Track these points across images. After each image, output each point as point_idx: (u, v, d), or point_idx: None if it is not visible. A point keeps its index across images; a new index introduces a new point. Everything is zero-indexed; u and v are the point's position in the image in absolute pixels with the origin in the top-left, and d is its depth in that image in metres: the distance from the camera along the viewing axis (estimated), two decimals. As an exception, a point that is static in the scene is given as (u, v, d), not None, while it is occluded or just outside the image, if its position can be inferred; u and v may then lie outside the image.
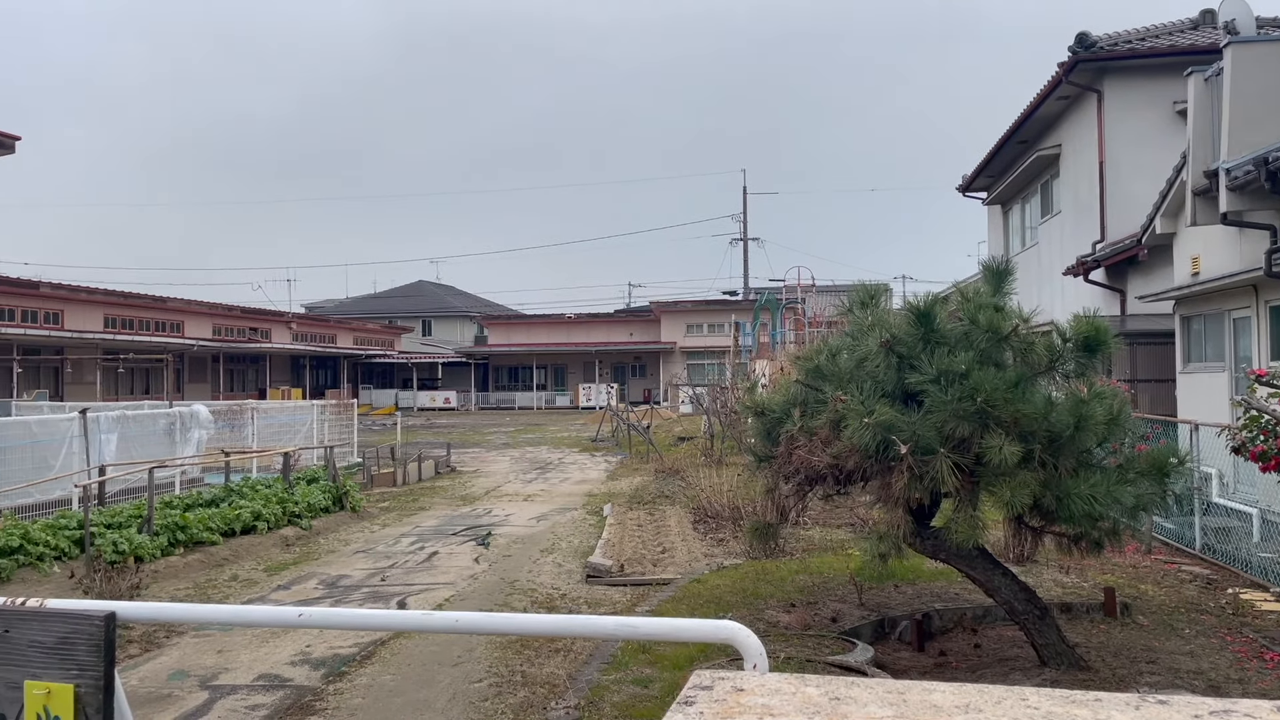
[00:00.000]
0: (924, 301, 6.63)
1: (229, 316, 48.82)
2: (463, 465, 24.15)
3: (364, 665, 7.59)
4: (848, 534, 12.09)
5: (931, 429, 6.04)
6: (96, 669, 2.01)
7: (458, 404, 57.07)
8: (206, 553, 12.01)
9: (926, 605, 8.29)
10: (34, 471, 14.26)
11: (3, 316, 32.84)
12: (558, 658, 7.62)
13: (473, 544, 13.16)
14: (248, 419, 21.15)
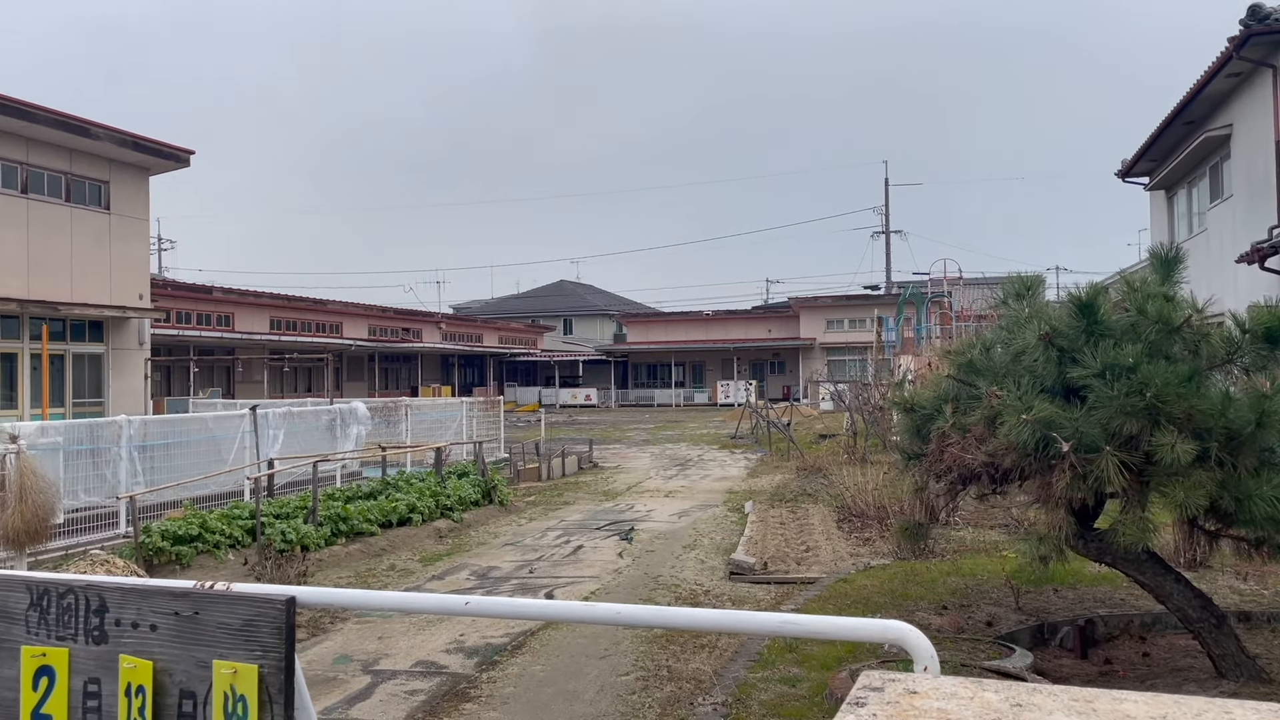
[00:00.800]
0: (1086, 292, 6.31)
1: (383, 317, 50.93)
2: (604, 461, 24.46)
3: (515, 655, 7.79)
4: (1001, 535, 11.64)
5: (1096, 426, 5.74)
6: (278, 650, 2.11)
7: (598, 401, 57.90)
8: (366, 543, 12.56)
9: (1089, 610, 7.90)
10: (210, 464, 15.22)
11: (181, 320, 35.21)
12: (703, 654, 7.62)
13: (616, 539, 13.31)
14: (402, 415, 22.02)
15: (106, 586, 2.24)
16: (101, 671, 2.23)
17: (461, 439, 22.01)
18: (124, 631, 2.22)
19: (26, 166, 20.92)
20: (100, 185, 22.85)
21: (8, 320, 20.53)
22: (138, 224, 24.11)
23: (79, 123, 21.33)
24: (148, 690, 2.17)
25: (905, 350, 32.04)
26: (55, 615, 2.28)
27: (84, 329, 22.53)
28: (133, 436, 13.92)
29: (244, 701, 2.10)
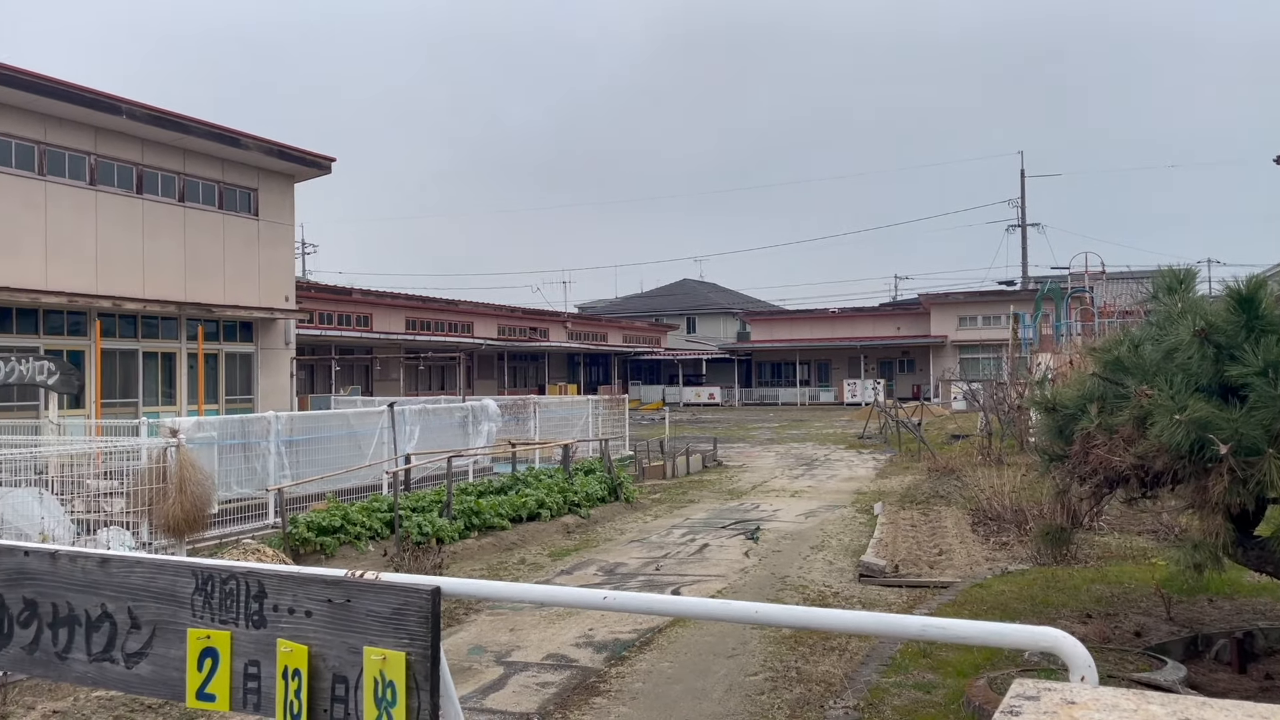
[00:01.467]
0: (1246, 284, 5.93)
1: (512, 317, 52.08)
2: (728, 460, 24.39)
3: (643, 651, 7.84)
4: (1150, 541, 11.07)
5: (1257, 427, 5.39)
6: (425, 639, 2.18)
7: (721, 399, 57.75)
8: (497, 537, 12.87)
9: (1247, 623, 7.42)
10: (350, 459, 15.86)
11: (323, 320, 36.81)
12: (832, 656, 7.51)
13: (742, 538, 13.25)
14: (530, 413, 22.47)
15: (266, 573, 2.36)
16: (261, 654, 2.35)
17: (588, 436, 22.30)
18: (281, 617, 2.33)
19: (183, 176, 22.24)
20: (250, 192, 24.10)
21: (167, 321, 21.87)
22: (284, 229, 25.33)
23: (230, 134, 22.55)
24: (303, 673, 2.27)
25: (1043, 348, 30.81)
26: (219, 600, 2.41)
27: (235, 329, 23.81)
28: (280, 432, 14.62)
29: (393, 687, 2.18)
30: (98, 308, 19.73)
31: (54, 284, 18.98)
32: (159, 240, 21.48)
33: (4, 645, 2.65)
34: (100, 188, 20.29)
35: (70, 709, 6.40)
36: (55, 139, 19.37)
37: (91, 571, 2.54)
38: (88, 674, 2.54)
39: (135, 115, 20.24)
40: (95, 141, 20.14)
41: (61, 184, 19.52)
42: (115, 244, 20.45)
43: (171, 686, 2.44)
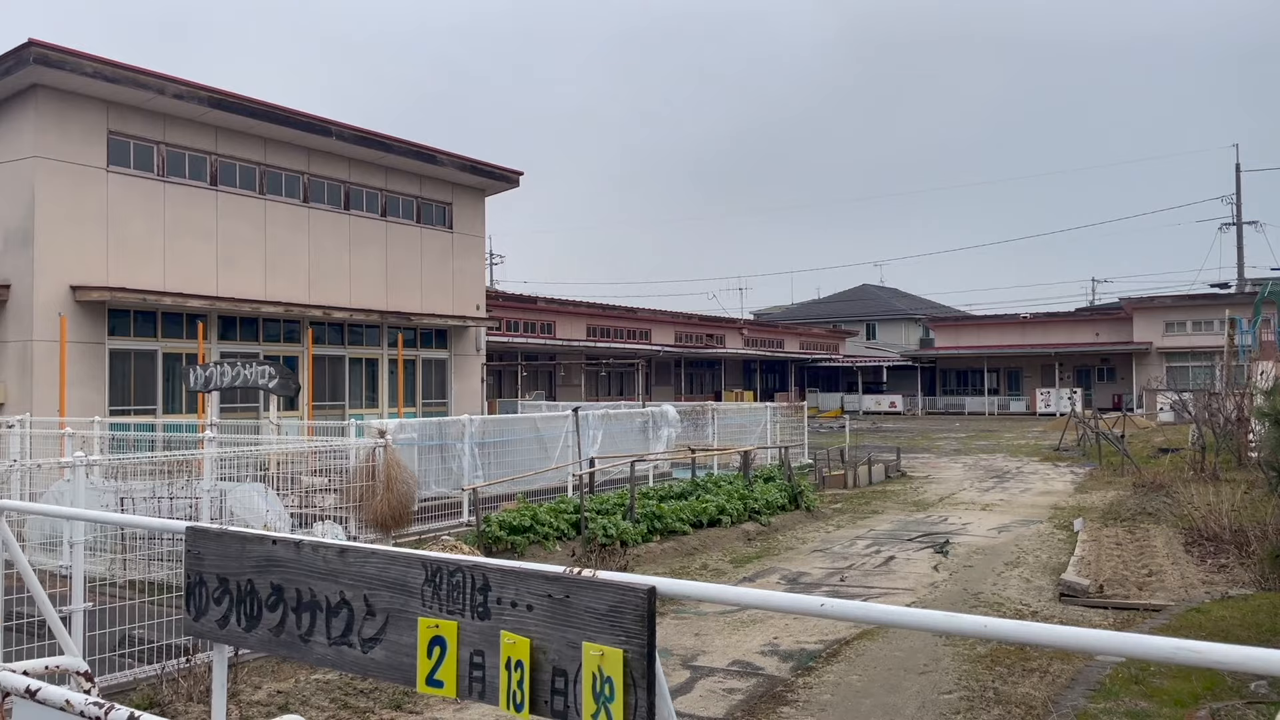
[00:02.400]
0: None
1: (689, 324, 52.46)
2: (912, 470, 23.67)
3: (830, 663, 7.72)
4: (1398, 570, 9.97)
5: None
6: (641, 637, 2.23)
7: (903, 408, 56.13)
8: (679, 541, 12.98)
9: None
10: (537, 461, 16.38)
11: (510, 328, 38.22)
12: (1033, 678, 7.17)
13: (930, 551, 12.83)
14: (708, 419, 22.55)
15: (490, 567, 2.47)
16: (485, 645, 2.46)
17: (765, 443, 22.17)
18: (504, 609, 2.43)
19: (385, 192, 23.64)
20: (444, 207, 25.35)
21: (370, 329, 23.28)
22: (475, 241, 26.49)
23: (428, 151, 23.79)
24: (525, 665, 2.36)
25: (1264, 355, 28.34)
26: (446, 591, 2.54)
27: (431, 336, 25.07)
28: (473, 434, 15.28)
29: (610, 683, 2.23)
30: (310, 316, 21.21)
31: (272, 295, 20.55)
32: (363, 253, 22.90)
33: (254, 627, 2.89)
34: (312, 205, 21.83)
35: (292, 689, 6.90)
36: (273, 160, 20.99)
37: (331, 561, 2.73)
38: (327, 656, 2.73)
39: (344, 136, 21.67)
40: (308, 161, 21.69)
41: (279, 202, 21.13)
42: (325, 257, 21.95)
43: (403, 672, 2.59)
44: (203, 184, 19.67)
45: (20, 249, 17.07)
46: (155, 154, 18.87)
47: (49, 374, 16.92)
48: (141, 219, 18.51)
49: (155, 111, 18.68)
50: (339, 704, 6.61)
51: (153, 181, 18.78)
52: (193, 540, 3.01)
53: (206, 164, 19.76)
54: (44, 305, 16.93)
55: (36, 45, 16.39)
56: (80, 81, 17.22)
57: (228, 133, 20.02)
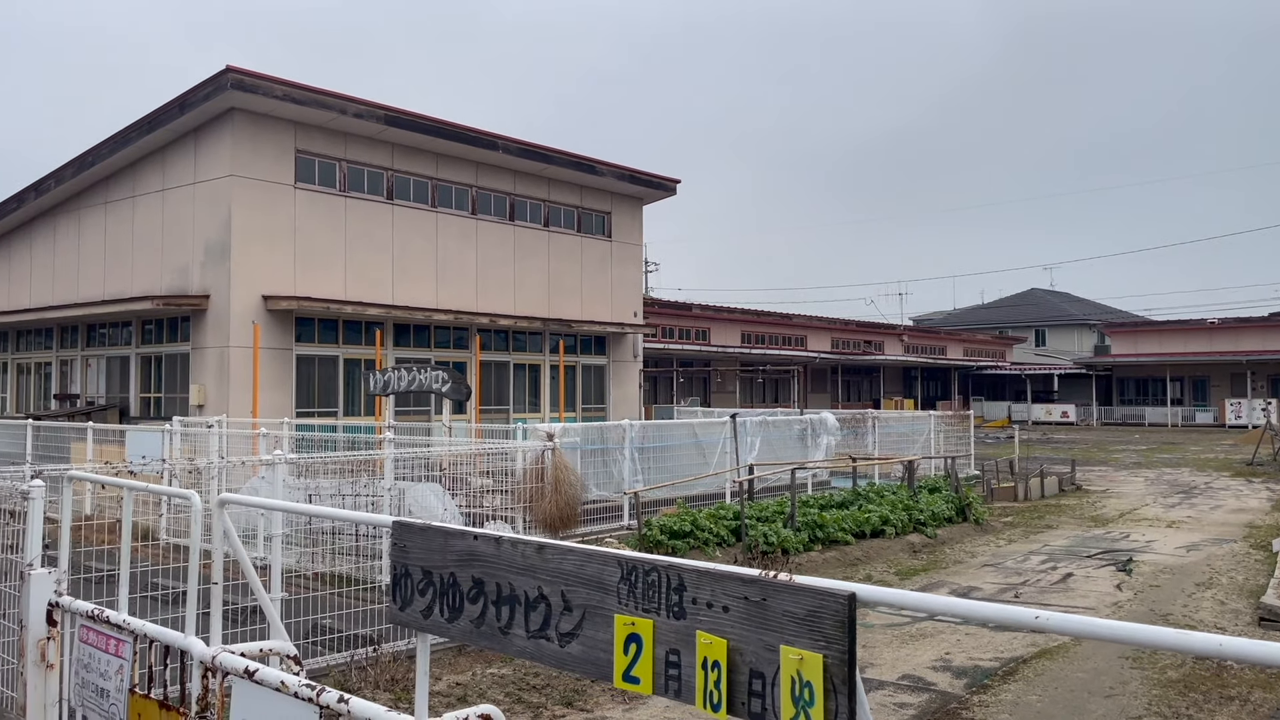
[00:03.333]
0: None
1: (845, 330, 51.55)
2: (1088, 484, 22.48)
3: (1007, 681, 7.43)
4: None
5: None
6: (841, 643, 2.22)
7: (1076, 418, 53.38)
8: (841, 551, 12.77)
9: None
10: (694, 467, 16.45)
11: (665, 335, 38.54)
12: (1231, 706, 6.70)
13: (1111, 569, 12.16)
14: (868, 427, 22.08)
15: (685, 568, 2.51)
16: (681, 644, 2.50)
17: (929, 453, 21.54)
18: (700, 610, 2.46)
19: (547, 203, 24.28)
20: (603, 216, 25.82)
21: (533, 336, 23.94)
22: (633, 249, 26.87)
23: (588, 162, 24.30)
24: (722, 666, 2.39)
25: None
26: (642, 590, 2.59)
27: (590, 343, 25.57)
28: (633, 439, 15.48)
29: (810, 688, 2.23)
30: (477, 324, 22.01)
31: (443, 303, 21.43)
32: (527, 262, 23.60)
33: (456, 618, 3.02)
34: (479, 216, 22.66)
35: (469, 682, 7.17)
36: (444, 174, 21.91)
37: (530, 556, 2.84)
38: (526, 649, 2.83)
39: (509, 150, 22.41)
40: (476, 175, 22.53)
41: (449, 214, 22.03)
42: (491, 266, 22.73)
43: (599, 667, 2.65)
44: (380, 198, 20.72)
45: (218, 262, 18.42)
46: (337, 170, 20.01)
47: (243, 378, 18.18)
48: (325, 232, 19.65)
49: (337, 130, 19.82)
50: (513, 698, 6.82)
51: (335, 197, 19.92)
52: (399, 534, 3.18)
53: (383, 179, 20.81)
54: (239, 314, 18.20)
55: (233, 71, 17.67)
56: (271, 104, 18.45)
57: (403, 149, 21.02)
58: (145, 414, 20.04)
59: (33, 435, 15.91)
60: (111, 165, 20.60)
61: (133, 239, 20.45)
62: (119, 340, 21.18)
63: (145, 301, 18.80)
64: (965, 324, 70.06)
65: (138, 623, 4.16)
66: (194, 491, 4.12)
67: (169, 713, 3.95)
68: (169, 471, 8.44)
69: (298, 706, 3.36)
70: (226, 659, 3.73)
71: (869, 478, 18.68)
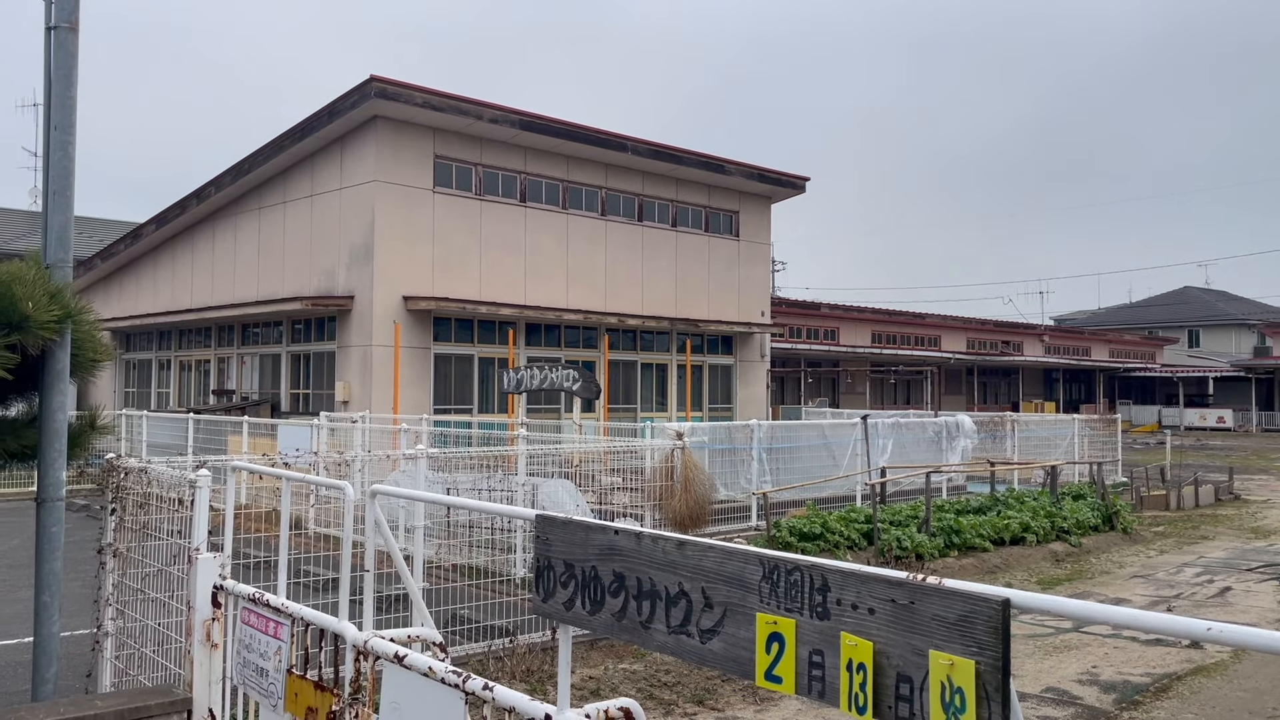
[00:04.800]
0: None
1: (981, 330, 49.90)
2: (1247, 493, 21.13)
3: (1159, 698, 7.06)
4: None
5: None
6: (995, 650, 2.16)
7: (1233, 424, 50.22)
8: (978, 558, 12.38)
9: None
10: (824, 469, 16.22)
11: (793, 334, 38.14)
12: None
13: (1274, 583, 11.40)
14: (1006, 431, 21.32)
15: (829, 568, 2.48)
16: (824, 645, 2.47)
17: (1073, 459, 20.64)
18: (844, 611, 2.43)
19: (675, 204, 24.36)
20: (731, 215, 25.74)
21: (660, 335, 24.07)
22: (761, 248, 26.69)
23: (716, 161, 24.27)
24: (868, 668, 2.35)
25: None
26: (784, 589, 2.58)
27: (717, 343, 25.54)
28: (761, 439, 15.38)
29: (961, 694, 2.17)
30: (606, 323, 22.27)
31: (573, 303, 21.78)
32: (655, 262, 23.74)
33: (598, 611, 3.07)
34: (609, 217, 22.92)
35: (602, 676, 7.26)
36: (575, 176, 22.26)
37: (670, 552, 2.86)
38: (667, 644, 2.85)
39: (638, 151, 22.59)
40: (605, 177, 22.81)
41: (579, 216, 22.37)
42: (619, 267, 22.97)
43: (741, 664, 2.65)
44: (513, 201, 21.21)
45: (362, 264, 19.21)
46: (473, 175, 20.58)
47: (385, 375, 18.91)
48: (461, 234, 20.25)
49: (473, 136, 20.38)
50: (644, 694, 6.87)
51: (470, 200, 20.50)
52: (542, 527, 3.25)
53: (516, 182, 21.29)
54: (381, 314, 18.94)
55: (377, 81, 18.39)
56: (411, 111, 19.13)
57: (535, 152, 21.46)
58: (295, 409, 21.08)
59: (193, 428, 16.96)
60: (265, 172, 21.73)
61: (284, 242, 21.53)
62: (271, 339, 22.33)
63: (295, 302, 19.77)
64: (1111, 324, 66.83)
65: (295, 607, 4.38)
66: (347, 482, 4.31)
67: (324, 693, 4.14)
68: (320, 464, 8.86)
69: (444, 692, 3.48)
70: (377, 644, 3.89)
71: (1008, 483, 18.05)
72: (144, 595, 5.46)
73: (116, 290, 27.28)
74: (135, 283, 26.57)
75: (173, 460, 6.89)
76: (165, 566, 5.28)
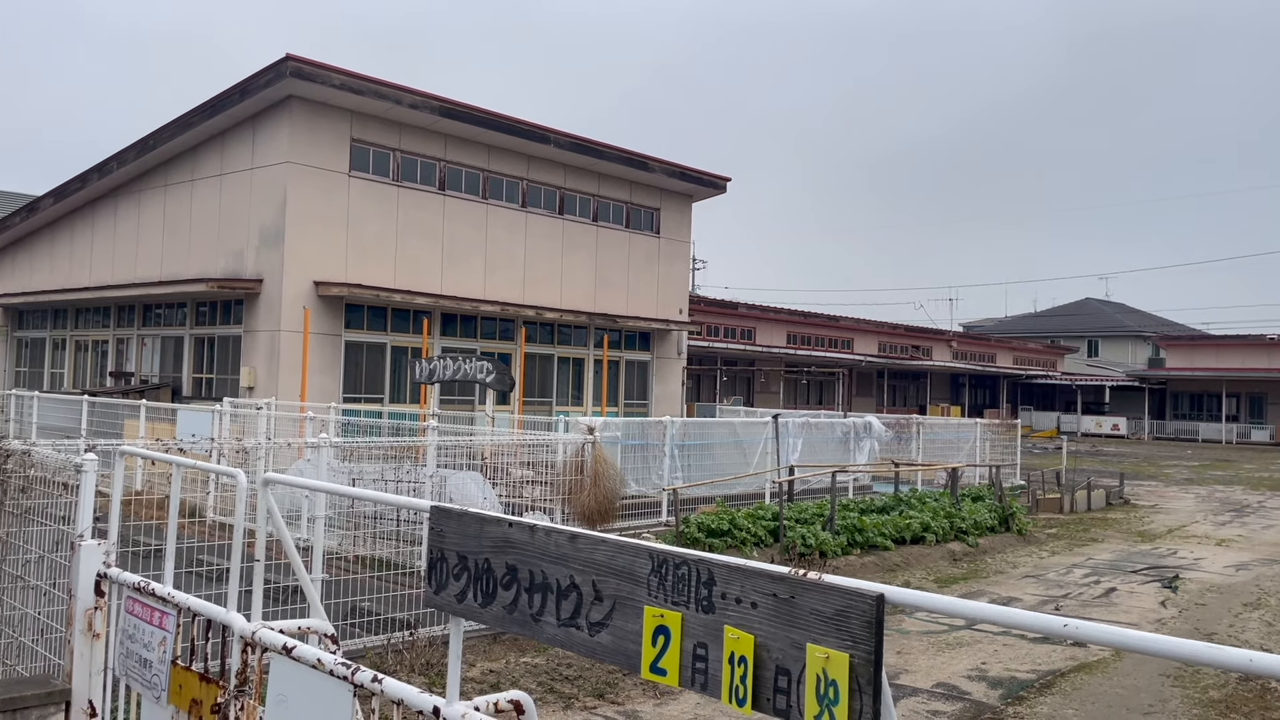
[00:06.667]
0: None
1: (893, 335, 51.05)
2: (1136, 498, 22.07)
3: (1043, 694, 7.34)
4: None
5: None
6: (868, 643, 2.22)
7: (1127, 431, 52.38)
8: (880, 556, 12.67)
9: None
10: (735, 466, 16.42)
11: (710, 333, 38.46)
12: (1277, 732, 6.55)
13: (1157, 585, 11.94)
14: (912, 433, 21.86)
15: (715, 562, 2.52)
16: (708, 638, 2.51)
17: (974, 461, 21.29)
18: (729, 605, 2.47)
19: (596, 198, 24.35)
20: (652, 212, 25.84)
21: (578, 330, 24.04)
22: (681, 246, 26.85)
23: (639, 158, 24.33)
24: (749, 661, 2.40)
25: None
26: (672, 582, 2.61)
27: (634, 339, 25.61)
28: (674, 436, 15.49)
29: (835, 686, 2.23)
30: (523, 316, 22.15)
31: (490, 294, 21.60)
32: (574, 256, 23.69)
33: (489, 603, 3.06)
34: (529, 209, 22.80)
35: (502, 670, 7.24)
36: (496, 166, 22.07)
37: (563, 545, 2.86)
38: (556, 636, 2.86)
39: (560, 144, 22.50)
40: (527, 168, 22.67)
41: (499, 206, 22.19)
42: (539, 259, 22.86)
43: (628, 657, 2.67)
44: (432, 188, 20.93)
45: (273, 247, 18.74)
46: (391, 160, 20.25)
47: (293, 362, 18.48)
48: (377, 220, 19.91)
49: (392, 120, 20.05)
50: (545, 688, 6.87)
51: (388, 186, 20.16)
52: (436, 518, 3.23)
53: (436, 169, 21.02)
54: (291, 299, 18.51)
55: (293, 60, 17.95)
56: (328, 93, 18.72)
57: (455, 140, 21.21)
58: (197, 394, 20.47)
59: (88, 411, 16.33)
60: (172, 149, 21.03)
61: (190, 222, 20.88)
62: (174, 321, 21.64)
63: (200, 284, 19.19)
64: (1016, 332, 69.05)
65: (182, 596, 4.26)
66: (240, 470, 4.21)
67: (209, 685, 4.04)
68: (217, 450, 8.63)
69: (333, 684, 3.42)
70: (266, 635, 3.81)
71: (911, 484, 18.51)
72: (25, 583, 5.26)
73: (9, 265, 26.11)
74: (29, 258, 25.47)
75: (59, 443, 6.63)
76: (48, 553, 5.09)
